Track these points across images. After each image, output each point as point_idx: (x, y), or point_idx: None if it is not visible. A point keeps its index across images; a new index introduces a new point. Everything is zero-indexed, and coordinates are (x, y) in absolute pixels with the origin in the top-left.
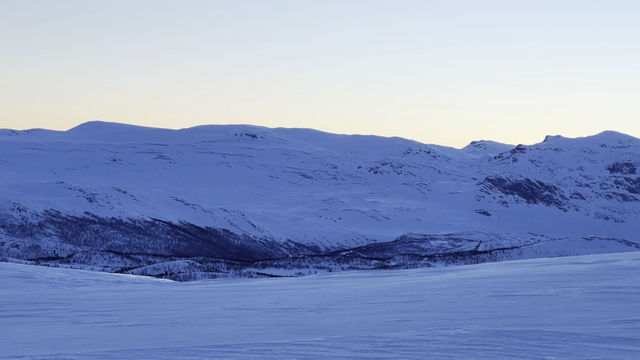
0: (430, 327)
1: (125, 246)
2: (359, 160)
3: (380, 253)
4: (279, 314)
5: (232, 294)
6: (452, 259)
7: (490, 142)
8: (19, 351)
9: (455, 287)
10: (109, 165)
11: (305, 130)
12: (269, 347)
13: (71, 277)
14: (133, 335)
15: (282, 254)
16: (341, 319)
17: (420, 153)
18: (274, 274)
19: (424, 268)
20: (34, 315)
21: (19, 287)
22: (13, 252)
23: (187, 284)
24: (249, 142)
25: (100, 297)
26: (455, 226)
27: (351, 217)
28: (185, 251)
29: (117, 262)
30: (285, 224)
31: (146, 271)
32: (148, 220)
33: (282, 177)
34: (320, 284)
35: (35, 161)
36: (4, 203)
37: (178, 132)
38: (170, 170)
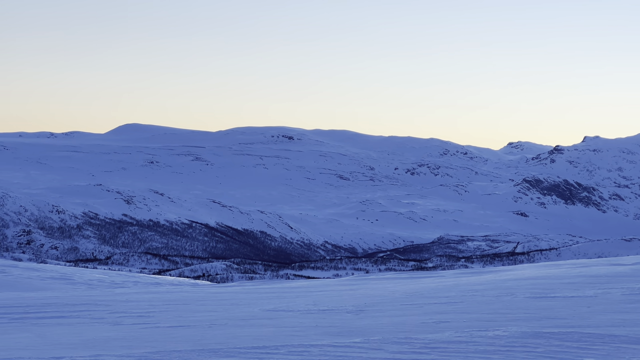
0: (468, 328)
1: (162, 248)
2: (396, 162)
3: (417, 254)
4: (316, 315)
5: (270, 296)
6: (489, 260)
7: (527, 143)
8: (59, 352)
9: (493, 288)
10: (146, 167)
11: (342, 132)
12: (306, 348)
13: (110, 278)
14: (171, 336)
15: (319, 256)
16: (379, 321)
17: (457, 154)
18: (311, 275)
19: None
20: (73, 317)
21: (58, 289)
22: (52, 254)
23: (225, 285)
24: (285, 144)
25: (138, 298)
26: (493, 227)
27: (388, 219)
28: (223, 253)
29: (155, 264)
30: (322, 226)
31: (183, 273)
32: (185, 222)
33: (319, 179)
34: (358, 285)
35: (74, 163)
36: (43, 205)
37: (215, 134)
38: (207, 172)
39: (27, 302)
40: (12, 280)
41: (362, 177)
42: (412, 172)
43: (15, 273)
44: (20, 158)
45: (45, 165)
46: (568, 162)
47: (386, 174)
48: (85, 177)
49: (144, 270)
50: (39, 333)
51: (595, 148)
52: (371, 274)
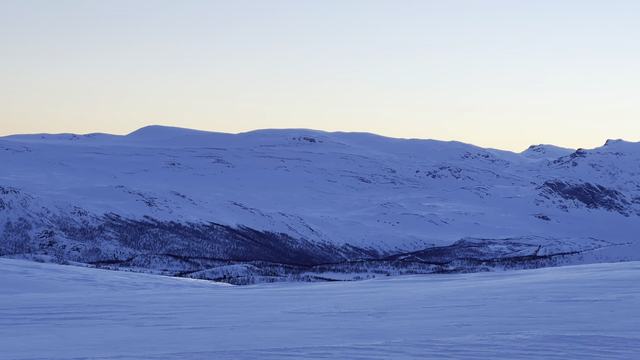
0: (490, 331)
1: (183, 250)
2: (417, 165)
3: (438, 257)
4: (338, 317)
5: (291, 298)
6: (510, 263)
7: (549, 146)
8: (82, 353)
9: (515, 291)
10: (168, 169)
11: (363, 135)
12: (328, 350)
13: (131, 280)
14: (193, 338)
15: (340, 258)
16: (400, 323)
17: (479, 157)
18: (332, 278)
19: (483, 272)
20: (95, 318)
21: (80, 290)
22: (74, 255)
23: (246, 287)
24: (307, 147)
25: (160, 300)
26: (514, 231)
27: (409, 221)
28: (244, 255)
29: (176, 266)
30: (343, 228)
31: (204, 275)
32: (206, 225)
33: (341, 181)
34: (379, 288)
35: (96, 165)
36: (66, 207)
37: (236, 136)
38: (229, 174)
39: (50, 303)
40: (34, 281)
41: (384, 179)
42: (433, 175)
43: (37, 274)
44: (43, 159)
45: (67, 167)
46: (590, 166)
47: (407, 177)
48: (107, 178)
49: (165, 272)
50: (61, 334)
51: (617, 151)
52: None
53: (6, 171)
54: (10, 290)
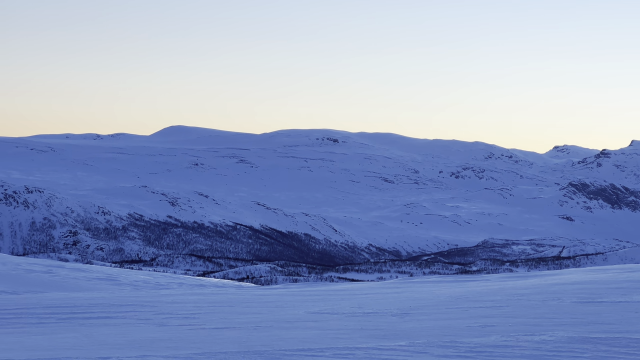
0: (514, 332)
1: (207, 250)
2: (441, 165)
3: (461, 258)
4: (361, 318)
5: (315, 298)
6: (534, 264)
7: (573, 146)
8: (106, 352)
9: (539, 292)
10: (191, 169)
11: (386, 135)
12: (351, 351)
13: (155, 280)
14: (217, 338)
15: (363, 259)
16: (424, 324)
17: (502, 158)
18: (355, 278)
19: (507, 273)
20: (119, 317)
21: (104, 289)
22: (98, 255)
23: (270, 287)
24: (330, 147)
25: (183, 300)
26: (538, 231)
27: (432, 222)
28: (267, 255)
29: (199, 266)
30: (366, 229)
31: (228, 275)
32: (230, 225)
33: (364, 182)
34: (402, 288)
35: (119, 165)
36: (89, 207)
37: (259, 136)
38: (252, 174)
39: (74, 302)
40: (59, 281)
41: (407, 180)
42: (456, 176)
43: (62, 273)
44: (67, 159)
45: (91, 167)
46: (615, 166)
47: (431, 177)
48: (131, 178)
49: (188, 272)
50: (86, 333)
51: None
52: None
53: (31, 171)
54: (35, 290)
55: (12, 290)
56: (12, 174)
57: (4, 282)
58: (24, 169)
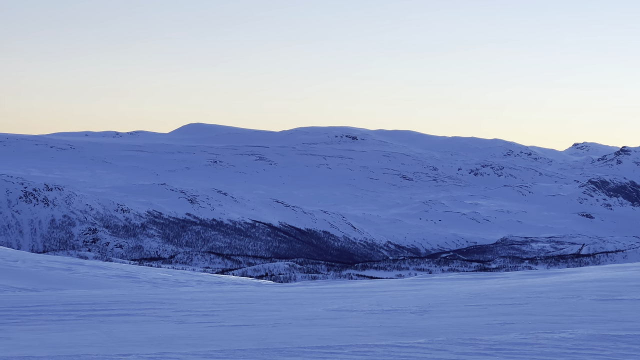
0: (533, 330)
1: (225, 247)
2: (459, 162)
3: (480, 255)
4: (380, 315)
5: (333, 296)
6: (554, 261)
7: (593, 143)
8: (126, 349)
9: (558, 290)
10: (210, 167)
11: (405, 132)
12: (370, 348)
13: (173, 277)
14: (236, 335)
15: (382, 256)
16: (443, 321)
17: (521, 155)
18: (373, 275)
19: (526, 271)
20: (139, 315)
21: (123, 287)
22: (117, 252)
23: (288, 285)
24: (349, 144)
25: (202, 297)
26: (557, 229)
27: (451, 219)
28: (286, 253)
29: (218, 264)
30: (385, 226)
31: (246, 272)
32: (248, 222)
33: (383, 179)
34: (421, 285)
35: (138, 163)
36: (109, 204)
37: (278, 133)
38: (271, 172)
39: (94, 299)
40: (78, 278)
41: (426, 177)
42: (475, 173)
43: (81, 271)
44: (86, 157)
45: (110, 165)
46: (635, 163)
47: (449, 175)
48: (150, 176)
49: (207, 270)
50: (105, 330)
51: None
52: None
53: (50, 169)
54: (55, 287)
55: (32, 288)
56: (31, 171)
57: (24, 279)
58: (43, 166)
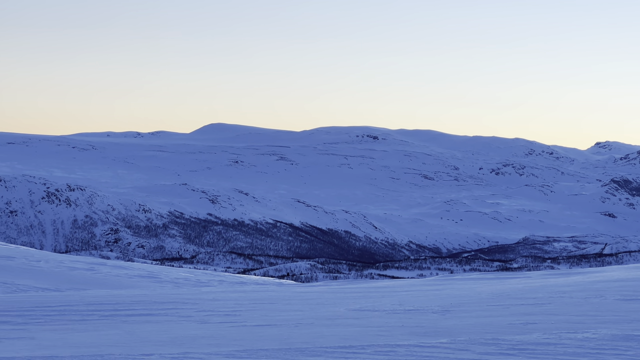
0: (556, 330)
1: (247, 247)
2: (481, 162)
3: (502, 255)
4: (402, 315)
5: (355, 295)
6: (576, 261)
7: (615, 142)
8: (149, 349)
9: (581, 290)
10: (231, 167)
11: (426, 132)
12: (393, 348)
13: (195, 277)
14: (258, 335)
15: (403, 256)
16: (465, 321)
17: (543, 154)
18: (395, 275)
19: (548, 270)
20: (161, 315)
21: (145, 287)
22: (139, 253)
23: (310, 285)
24: (370, 144)
25: (224, 297)
26: (580, 228)
27: (473, 219)
28: (307, 253)
29: (240, 263)
30: (406, 226)
31: (268, 272)
32: (270, 222)
33: (404, 179)
34: (443, 285)
35: (160, 163)
36: (130, 204)
37: (299, 133)
38: (292, 171)
39: (116, 299)
40: (101, 278)
41: (447, 177)
42: (496, 172)
43: (104, 271)
44: (108, 157)
45: (132, 165)
46: None
47: (471, 174)
48: (171, 176)
49: (228, 270)
50: (128, 330)
51: None
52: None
53: (73, 169)
54: (77, 287)
55: (55, 288)
56: (54, 172)
57: (48, 279)
58: (66, 167)
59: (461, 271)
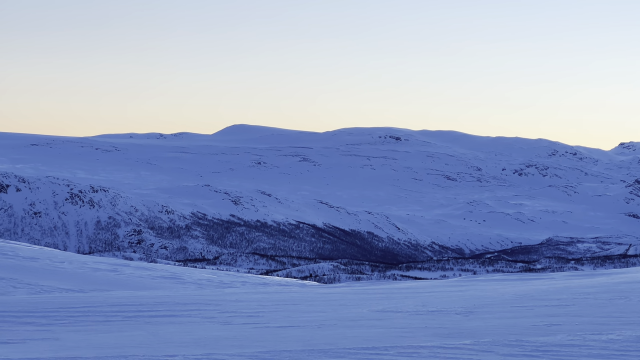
0: (580, 332)
1: (270, 249)
2: (503, 162)
3: (525, 256)
4: (425, 316)
5: (378, 297)
6: (600, 262)
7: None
8: (172, 350)
9: (606, 291)
10: (254, 168)
11: (449, 133)
12: (416, 349)
13: (218, 278)
14: (281, 336)
15: (426, 257)
16: (489, 322)
17: (566, 155)
18: (418, 276)
19: (572, 271)
20: (184, 316)
21: (168, 288)
22: (162, 254)
23: (333, 286)
24: (393, 145)
25: (248, 298)
26: (603, 229)
27: (495, 220)
28: (330, 254)
29: (262, 265)
30: (429, 226)
31: (291, 273)
32: (292, 223)
33: (426, 180)
34: (466, 286)
35: (182, 164)
36: (153, 205)
37: (322, 134)
38: (315, 173)
39: (140, 300)
40: (124, 279)
41: (470, 177)
42: (519, 173)
43: (127, 272)
44: (131, 159)
45: (154, 166)
46: None
47: (493, 175)
48: (194, 177)
49: (251, 271)
50: (151, 331)
51: None
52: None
53: (96, 170)
54: (101, 288)
55: (79, 289)
56: (77, 173)
57: (71, 280)
58: (89, 168)
59: (484, 272)
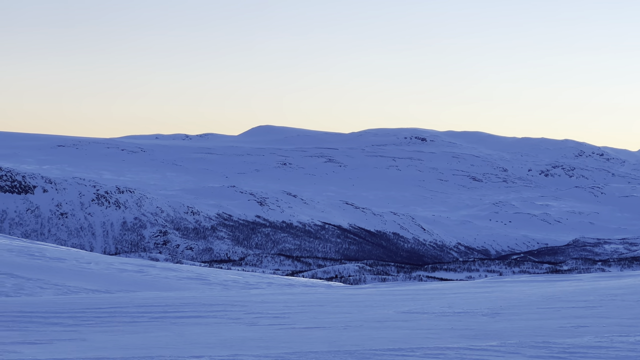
0: (608, 333)
1: (295, 249)
2: (529, 163)
3: (551, 257)
4: (451, 317)
5: (404, 298)
6: (627, 263)
7: None
8: (198, 351)
9: (633, 292)
10: (279, 169)
11: (474, 133)
12: (442, 351)
13: (244, 279)
14: (307, 337)
15: (451, 258)
16: (515, 324)
17: (593, 155)
18: (443, 277)
19: (599, 273)
20: (210, 317)
21: (194, 289)
22: (187, 255)
23: (359, 287)
24: (418, 146)
25: (273, 299)
26: (631, 230)
27: (521, 221)
28: (355, 255)
29: (288, 266)
30: (455, 227)
31: (316, 274)
32: (318, 224)
33: (452, 180)
34: (492, 287)
35: (208, 165)
36: (179, 207)
37: (347, 135)
38: (340, 173)
39: (166, 301)
40: (150, 280)
41: (495, 178)
42: (546, 174)
43: (153, 273)
44: (157, 160)
45: (180, 167)
46: None
47: (519, 176)
48: (219, 178)
49: (277, 272)
50: (178, 332)
51: None
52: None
53: (122, 171)
54: (127, 289)
55: (105, 289)
56: (103, 174)
57: (98, 281)
58: (115, 169)
59: (510, 273)
